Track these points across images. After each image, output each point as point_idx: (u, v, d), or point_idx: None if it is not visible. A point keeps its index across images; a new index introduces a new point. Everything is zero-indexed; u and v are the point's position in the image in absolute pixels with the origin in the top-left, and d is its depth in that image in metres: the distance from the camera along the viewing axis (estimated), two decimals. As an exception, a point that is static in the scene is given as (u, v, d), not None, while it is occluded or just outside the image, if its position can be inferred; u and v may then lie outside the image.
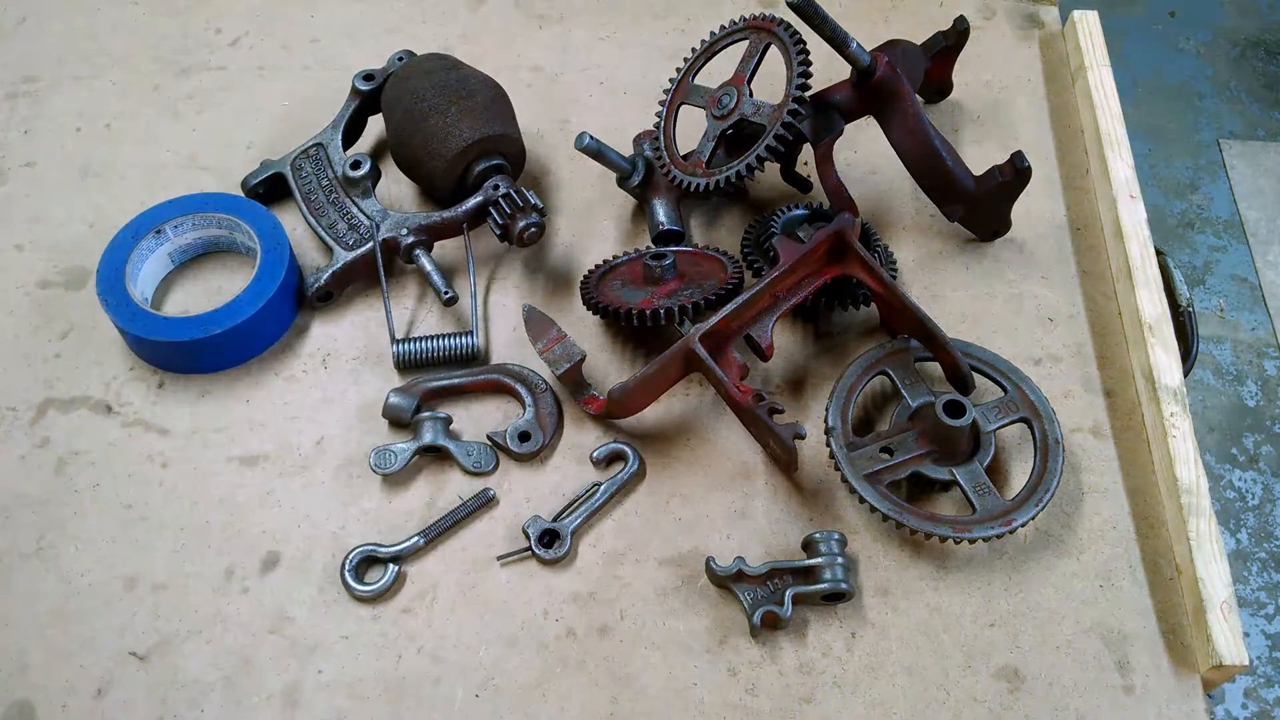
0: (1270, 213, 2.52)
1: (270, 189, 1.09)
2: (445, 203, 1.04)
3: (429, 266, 1.00)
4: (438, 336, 0.98)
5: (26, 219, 1.10)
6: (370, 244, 1.01)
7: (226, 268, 1.06)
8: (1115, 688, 0.83)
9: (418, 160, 1.03)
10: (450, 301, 0.98)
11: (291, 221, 1.09)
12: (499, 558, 0.88)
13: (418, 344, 0.98)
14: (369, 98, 1.12)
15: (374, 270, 1.03)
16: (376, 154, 1.16)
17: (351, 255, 1.01)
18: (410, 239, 1.01)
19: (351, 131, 1.12)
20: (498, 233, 0.99)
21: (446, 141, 1.01)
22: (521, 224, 0.98)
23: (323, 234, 1.03)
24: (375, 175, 1.06)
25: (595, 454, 0.93)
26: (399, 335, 1.01)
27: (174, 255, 1.04)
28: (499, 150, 1.04)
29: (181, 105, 1.19)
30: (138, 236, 1.00)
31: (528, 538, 0.88)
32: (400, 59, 1.13)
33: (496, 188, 1.01)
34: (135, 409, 0.97)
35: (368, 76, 1.12)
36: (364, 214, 1.03)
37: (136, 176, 1.13)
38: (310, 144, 1.09)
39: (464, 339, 0.98)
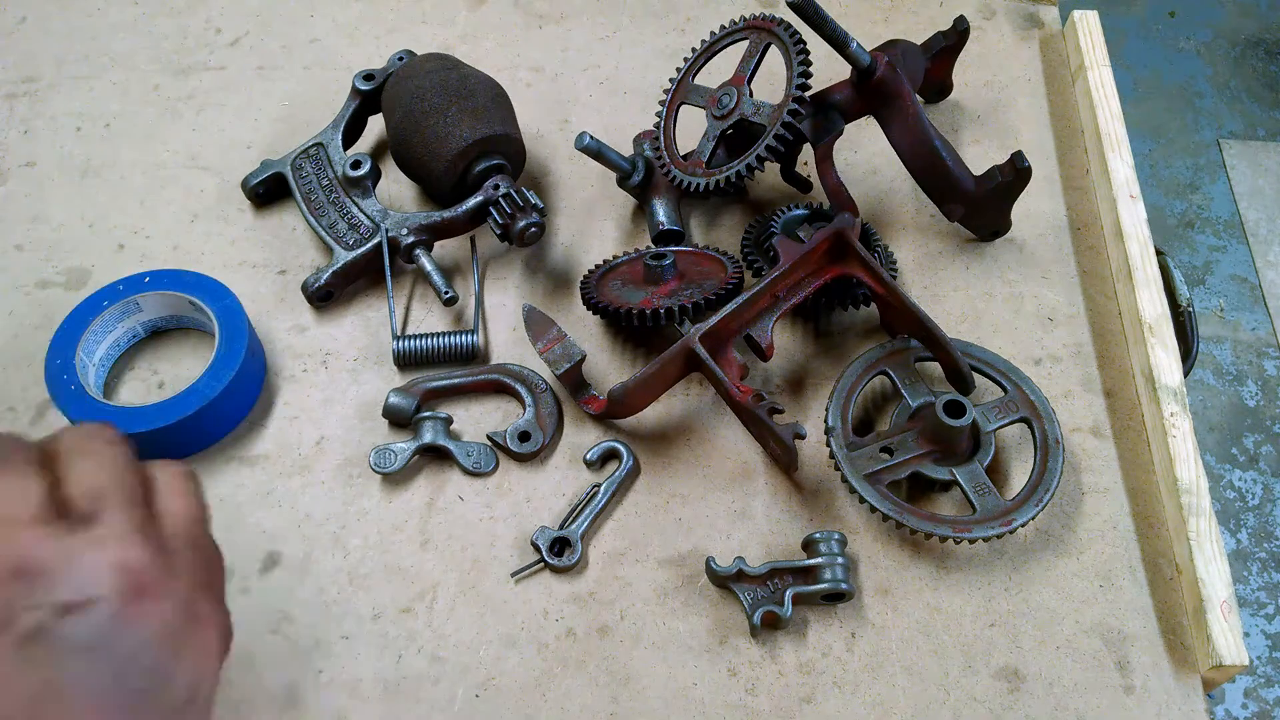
0: (1270, 213, 2.52)
1: (270, 189, 1.09)
2: (445, 202, 1.04)
3: (429, 266, 1.00)
4: (438, 335, 0.99)
5: (26, 219, 1.10)
6: (373, 240, 1.01)
7: (184, 347, 1.01)
8: (1115, 688, 0.83)
9: (418, 160, 1.03)
10: (450, 301, 0.98)
11: (292, 221, 1.09)
12: (513, 574, 0.88)
13: (418, 341, 0.98)
14: (369, 97, 1.12)
15: (374, 270, 1.03)
16: (377, 154, 1.16)
17: (352, 255, 1.01)
18: (411, 239, 1.01)
19: (352, 131, 1.12)
20: (498, 232, 1.00)
21: (446, 141, 1.01)
22: (522, 224, 0.98)
23: (323, 234, 1.03)
24: (375, 175, 1.06)
25: (588, 455, 0.93)
26: (399, 334, 1.00)
27: (122, 340, 0.98)
28: (499, 150, 1.04)
29: (181, 105, 1.19)
30: (90, 316, 0.93)
31: (538, 550, 0.88)
32: (400, 59, 1.13)
33: (497, 187, 1.01)
34: (135, 409, 0.97)
35: (368, 76, 1.12)
36: (365, 214, 1.03)
37: (136, 176, 1.13)
38: (310, 144, 1.10)
39: (464, 337, 0.99)
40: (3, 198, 1.12)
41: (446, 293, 0.98)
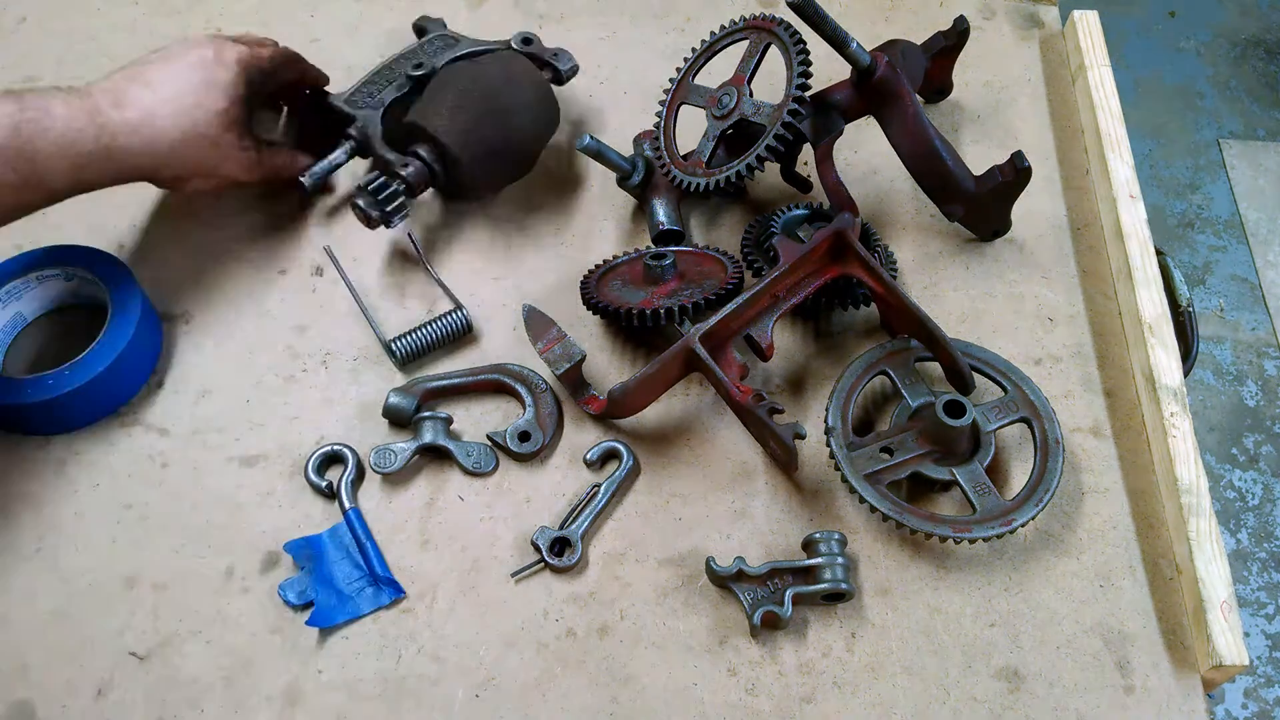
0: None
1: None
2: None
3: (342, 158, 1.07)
4: (430, 322, 0.99)
5: (26, 218, 1.10)
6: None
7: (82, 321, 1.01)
8: (1115, 688, 0.83)
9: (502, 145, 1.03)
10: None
11: (292, 221, 1.09)
12: (513, 574, 0.88)
13: (415, 335, 0.98)
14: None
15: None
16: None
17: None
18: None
19: None
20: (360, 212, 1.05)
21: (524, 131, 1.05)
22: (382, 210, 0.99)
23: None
24: None
25: (588, 455, 0.93)
26: (395, 333, 1.00)
27: (16, 320, 1.00)
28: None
29: (181, 105, 1.19)
30: None
31: (538, 550, 0.88)
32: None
33: (405, 166, 1.02)
34: (135, 409, 0.97)
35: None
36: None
37: (136, 176, 1.13)
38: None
39: (454, 315, 0.99)
40: (3, 198, 1.12)
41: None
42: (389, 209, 0.98)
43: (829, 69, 1.06)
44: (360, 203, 0.98)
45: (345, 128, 1.07)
